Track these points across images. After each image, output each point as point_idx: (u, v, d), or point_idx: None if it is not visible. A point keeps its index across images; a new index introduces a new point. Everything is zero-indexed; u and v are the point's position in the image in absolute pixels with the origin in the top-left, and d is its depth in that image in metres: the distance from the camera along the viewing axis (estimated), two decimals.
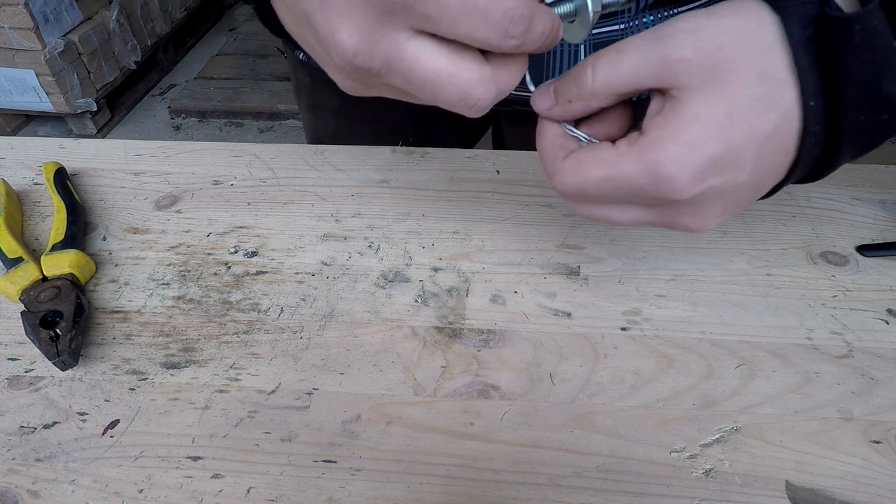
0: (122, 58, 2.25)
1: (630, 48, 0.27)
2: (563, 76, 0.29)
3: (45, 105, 2.05)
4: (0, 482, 0.31)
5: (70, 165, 0.50)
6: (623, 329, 0.38)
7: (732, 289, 0.40)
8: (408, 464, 0.31)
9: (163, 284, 0.41)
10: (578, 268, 0.41)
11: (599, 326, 0.38)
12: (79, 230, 0.43)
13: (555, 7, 0.27)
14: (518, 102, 0.54)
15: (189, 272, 0.42)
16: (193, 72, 2.55)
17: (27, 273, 0.39)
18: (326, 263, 0.42)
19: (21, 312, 0.37)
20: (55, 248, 0.41)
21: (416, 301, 0.40)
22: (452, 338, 0.37)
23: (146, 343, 0.37)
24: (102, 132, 2.23)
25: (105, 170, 0.51)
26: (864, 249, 0.42)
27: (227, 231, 0.45)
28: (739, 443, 0.32)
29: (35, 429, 0.33)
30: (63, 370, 0.35)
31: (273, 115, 2.29)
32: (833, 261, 0.42)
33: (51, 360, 0.34)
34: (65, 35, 1.98)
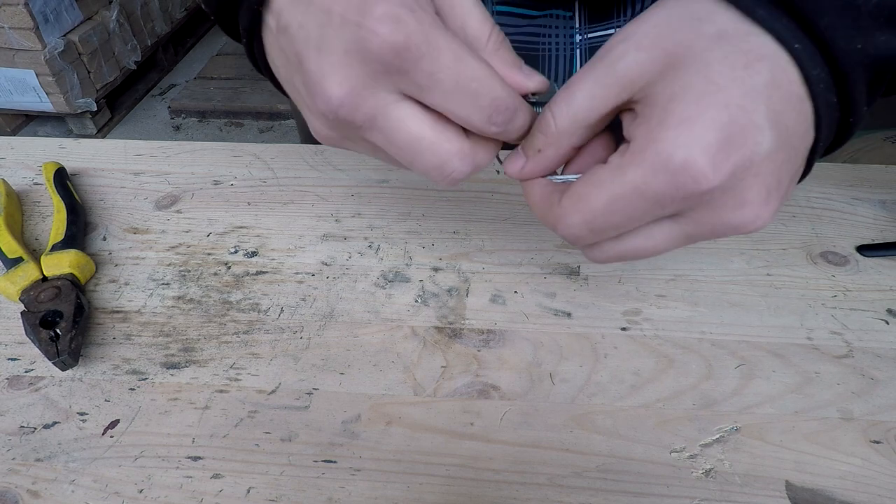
0: (122, 58, 2.25)
1: (577, 80, 0.25)
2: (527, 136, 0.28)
3: (45, 105, 2.05)
4: (0, 482, 0.31)
5: (70, 165, 0.50)
6: (623, 329, 0.38)
7: (732, 289, 0.40)
8: (408, 464, 0.31)
9: (163, 284, 0.41)
10: (578, 268, 0.41)
11: (599, 326, 0.38)
12: (79, 230, 0.43)
13: (538, 108, 0.29)
14: None
15: (189, 272, 0.42)
16: (193, 72, 2.55)
17: (27, 273, 0.39)
18: (326, 263, 0.42)
19: (21, 312, 0.37)
20: (55, 248, 0.41)
21: (416, 301, 0.40)
22: (452, 338, 0.37)
23: (146, 343, 0.37)
24: (102, 132, 2.23)
25: (105, 170, 0.51)
26: (864, 249, 0.42)
27: (227, 231, 0.45)
28: (739, 443, 0.32)
29: (35, 429, 0.33)
30: (63, 370, 0.35)
31: (273, 115, 2.29)
32: (833, 261, 0.42)
33: (51, 360, 0.34)
34: (65, 35, 1.98)
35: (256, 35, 0.28)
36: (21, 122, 2.24)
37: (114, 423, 0.33)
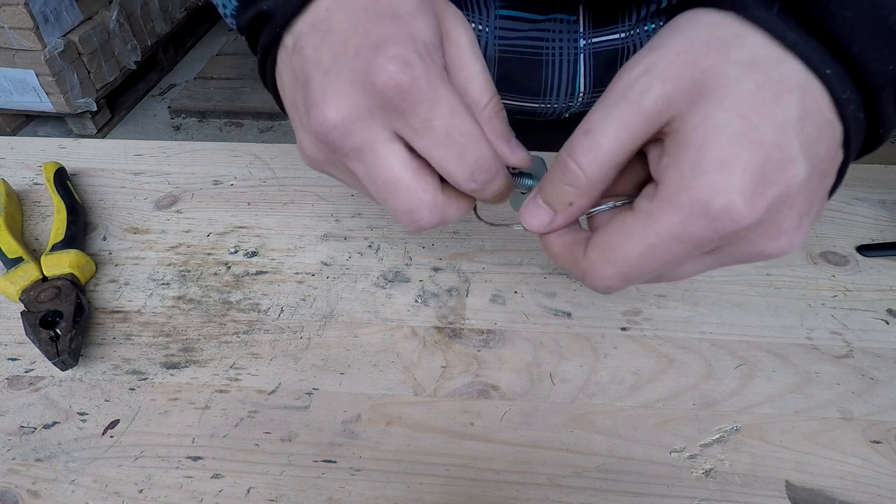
0: (122, 58, 2.25)
1: (599, 121, 0.24)
2: (543, 187, 0.27)
3: (45, 105, 2.05)
4: (0, 482, 0.31)
5: (70, 165, 0.50)
6: (623, 329, 0.38)
7: (732, 289, 0.40)
8: (408, 464, 0.31)
9: (163, 284, 0.41)
10: None
11: (599, 326, 0.38)
12: (79, 230, 0.43)
13: (516, 178, 0.30)
14: (518, 112, 0.54)
15: (189, 272, 0.42)
16: (193, 72, 2.55)
17: (27, 273, 0.39)
18: (326, 263, 0.42)
19: (21, 312, 0.37)
20: (55, 248, 0.41)
21: (416, 301, 0.40)
22: (452, 338, 0.37)
23: (146, 343, 0.37)
24: (102, 132, 2.23)
25: (105, 170, 0.51)
26: (864, 249, 0.42)
27: (227, 231, 0.45)
28: (739, 443, 0.32)
29: (35, 429, 0.33)
30: (63, 370, 0.35)
31: (273, 115, 2.29)
32: (833, 261, 0.42)
33: (51, 360, 0.34)
34: (65, 35, 1.98)
35: (272, 52, 0.29)
36: (21, 122, 2.24)
37: (114, 423, 0.33)
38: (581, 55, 0.49)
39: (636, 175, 0.27)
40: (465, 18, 0.29)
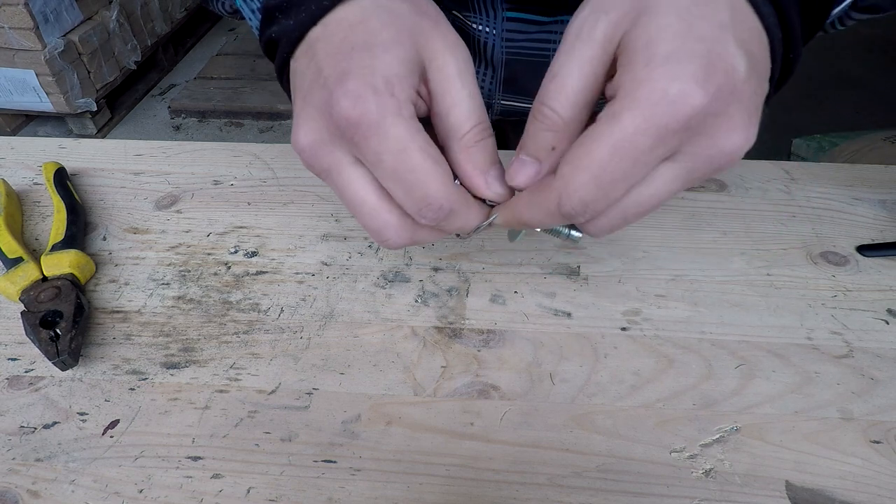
0: (122, 58, 2.25)
1: (562, 65, 0.26)
2: (524, 144, 0.28)
3: (45, 105, 2.05)
4: (0, 482, 0.31)
5: (70, 165, 0.50)
6: (623, 329, 0.38)
7: (732, 289, 0.40)
8: (408, 464, 0.31)
9: (163, 284, 0.41)
10: (578, 267, 0.41)
11: (599, 326, 0.38)
12: (79, 230, 0.43)
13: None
14: (526, 114, 0.54)
15: (189, 272, 0.42)
16: (193, 72, 2.55)
17: (27, 273, 0.39)
18: (326, 263, 0.42)
19: (21, 312, 0.37)
20: (55, 248, 0.41)
21: (416, 301, 0.40)
22: (452, 338, 0.37)
23: (146, 343, 0.37)
24: (102, 132, 2.23)
25: (105, 170, 0.51)
26: (864, 249, 0.42)
27: (227, 231, 0.45)
28: (739, 443, 0.32)
29: (35, 429, 0.33)
30: (63, 370, 0.35)
31: (273, 115, 2.29)
32: (833, 261, 0.42)
33: (51, 360, 0.34)
34: (65, 35, 1.98)
35: (285, 72, 0.32)
36: (21, 122, 2.24)
37: (114, 423, 0.33)
38: None
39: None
40: (460, 42, 0.29)
